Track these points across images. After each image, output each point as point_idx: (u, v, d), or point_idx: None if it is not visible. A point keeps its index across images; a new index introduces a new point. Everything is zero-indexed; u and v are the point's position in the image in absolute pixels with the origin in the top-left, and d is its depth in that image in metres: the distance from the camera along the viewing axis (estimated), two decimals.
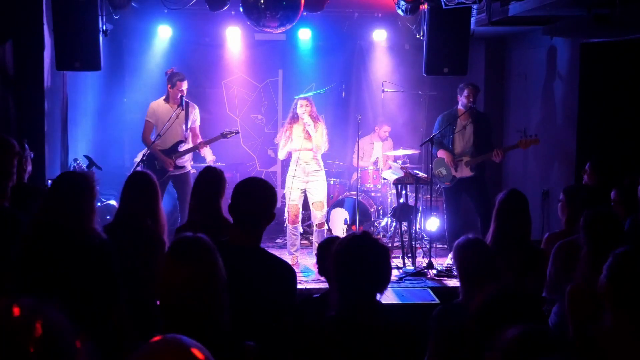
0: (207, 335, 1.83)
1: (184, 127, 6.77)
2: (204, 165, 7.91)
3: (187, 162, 6.90)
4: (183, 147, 6.78)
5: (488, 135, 6.81)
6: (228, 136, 6.89)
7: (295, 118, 6.71)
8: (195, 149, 6.82)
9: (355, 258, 2.44)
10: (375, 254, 2.44)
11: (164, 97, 6.85)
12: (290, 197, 6.71)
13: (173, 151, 6.74)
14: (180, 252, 2.16)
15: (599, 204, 3.92)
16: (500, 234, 3.82)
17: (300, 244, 7.01)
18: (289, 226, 6.77)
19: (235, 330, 2.35)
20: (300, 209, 6.84)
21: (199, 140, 6.88)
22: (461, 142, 6.83)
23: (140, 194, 3.73)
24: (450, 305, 3.11)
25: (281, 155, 6.86)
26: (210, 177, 4.01)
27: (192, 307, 2.07)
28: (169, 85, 6.78)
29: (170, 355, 1.36)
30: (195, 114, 6.92)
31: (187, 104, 6.80)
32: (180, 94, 6.68)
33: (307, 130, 6.61)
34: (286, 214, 6.82)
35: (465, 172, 6.78)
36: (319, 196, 6.76)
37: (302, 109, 6.61)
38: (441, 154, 6.88)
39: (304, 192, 6.77)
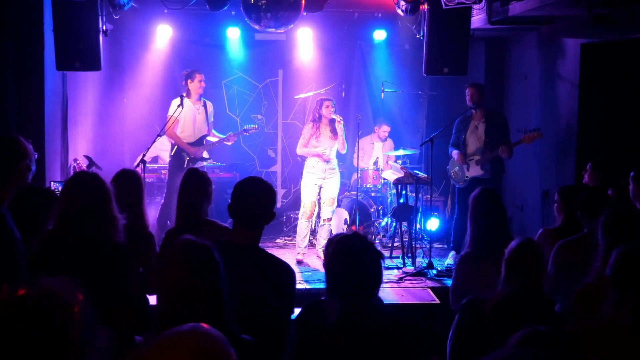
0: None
1: (205, 122, 7.17)
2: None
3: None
4: (208, 142, 7.21)
5: (502, 133, 6.75)
6: (249, 132, 7.44)
7: (319, 118, 6.93)
8: (224, 141, 7.29)
9: (344, 261, 2.44)
10: (363, 256, 2.44)
11: (184, 94, 7.05)
12: (307, 193, 6.98)
13: (200, 144, 7.13)
14: (182, 254, 2.22)
15: (599, 204, 3.91)
16: (479, 234, 3.75)
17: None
18: (303, 221, 6.95)
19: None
20: (317, 205, 7.06)
21: (213, 134, 7.35)
22: (473, 141, 6.82)
23: (127, 190, 3.75)
24: (480, 298, 3.06)
25: (301, 153, 7.10)
26: (194, 180, 4.00)
27: (191, 305, 2.12)
28: (189, 81, 7.06)
29: (192, 344, 1.36)
30: (211, 110, 7.34)
31: (206, 102, 7.25)
32: (200, 86, 7.07)
33: (332, 131, 6.88)
34: (302, 210, 7.00)
35: (476, 171, 6.77)
36: (332, 193, 7.01)
37: (328, 109, 6.87)
38: (454, 154, 6.90)
39: (320, 187, 7.01)
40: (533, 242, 2.98)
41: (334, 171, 7.03)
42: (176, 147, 7.05)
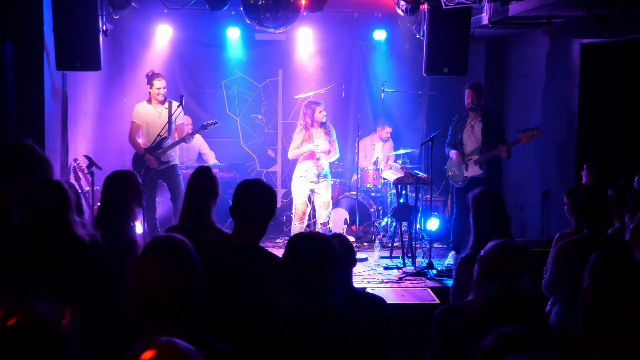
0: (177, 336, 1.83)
1: (167, 124, 6.86)
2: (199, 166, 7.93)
3: (173, 157, 7.01)
4: (167, 143, 6.88)
5: (498, 132, 6.75)
6: (207, 128, 7.06)
7: (312, 123, 6.98)
8: (182, 142, 6.95)
9: (295, 260, 2.43)
10: (315, 257, 2.41)
11: (146, 99, 7.01)
12: (298, 194, 6.99)
13: (157, 148, 6.83)
14: (152, 252, 2.15)
15: (599, 204, 3.91)
16: (481, 235, 3.72)
17: None
18: (296, 223, 6.93)
19: (231, 327, 2.34)
20: (309, 206, 7.01)
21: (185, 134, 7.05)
22: (470, 141, 6.80)
23: (119, 191, 3.73)
24: (453, 306, 3.09)
25: (292, 155, 7.07)
26: (200, 179, 3.96)
27: (161, 305, 2.03)
28: (149, 86, 6.96)
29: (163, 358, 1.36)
30: (178, 111, 6.96)
31: (170, 102, 6.96)
32: (159, 92, 6.89)
33: (326, 133, 6.96)
34: (293, 211, 7.02)
35: (475, 170, 6.75)
36: (326, 196, 7.04)
37: (322, 114, 6.96)
38: (452, 154, 6.89)
39: (311, 191, 7.04)
40: (511, 246, 2.96)
41: (326, 177, 7.12)
42: (135, 152, 6.91)
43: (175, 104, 6.98)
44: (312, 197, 7.13)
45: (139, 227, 4.72)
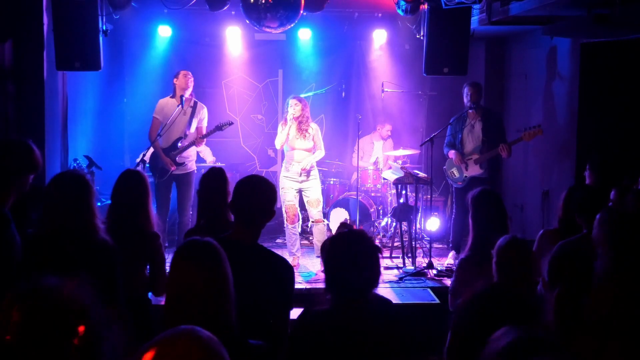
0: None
1: (187, 124, 6.72)
2: (204, 165, 7.94)
3: (190, 160, 6.81)
4: (182, 144, 6.73)
5: (498, 131, 6.72)
6: (223, 128, 6.82)
7: (287, 116, 6.63)
8: (193, 145, 6.75)
9: (343, 255, 2.46)
10: (363, 252, 2.46)
11: (171, 95, 6.82)
12: (286, 197, 6.69)
13: (173, 148, 6.71)
14: (191, 255, 2.18)
15: (599, 205, 3.90)
16: (480, 235, 3.71)
17: (300, 244, 7.01)
18: (288, 226, 6.73)
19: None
20: (298, 209, 6.83)
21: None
22: (470, 140, 6.79)
23: (130, 191, 3.73)
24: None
25: (278, 141, 6.69)
26: (213, 179, 3.99)
27: (201, 309, 2.07)
28: (175, 79, 6.76)
29: (185, 346, 1.37)
30: (203, 114, 6.84)
31: (196, 103, 6.80)
32: (185, 87, 6.64)
33: (301, 131, 6.58)
34: (284, 214, 6.81)
35: (475, 170, 6.74)
36: (314, 195, 6.75)
37: (291, 108, 6.55)
38: (451, 154, 6.87)
39: (299, 191, 6.76)
40: (519, 240, 2.97)
41: (310, 174, 6.72)
42: (153, 152, 6.71)
43: (201, 106, 6.82)
44: (302, 197, 6.83)
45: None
